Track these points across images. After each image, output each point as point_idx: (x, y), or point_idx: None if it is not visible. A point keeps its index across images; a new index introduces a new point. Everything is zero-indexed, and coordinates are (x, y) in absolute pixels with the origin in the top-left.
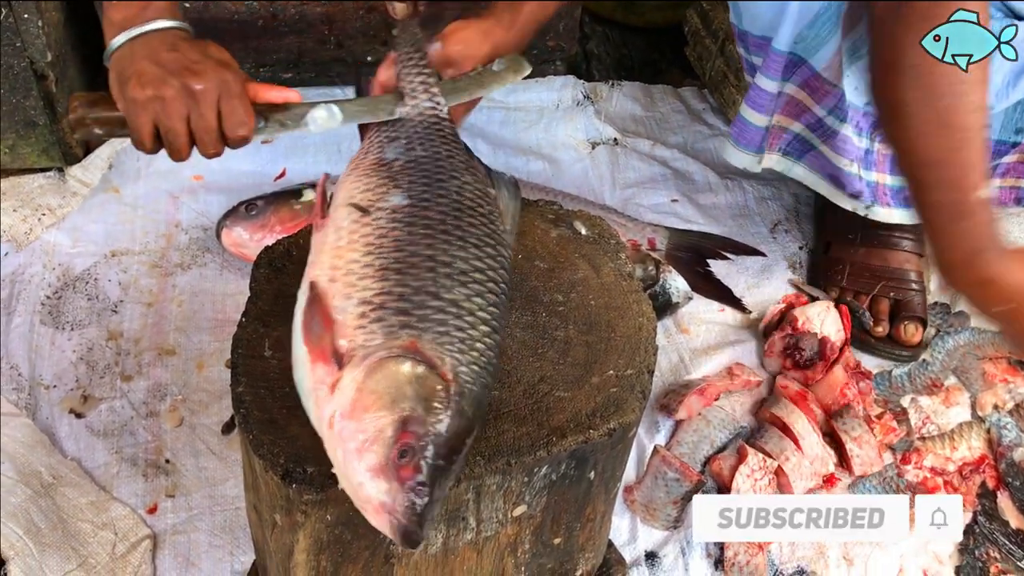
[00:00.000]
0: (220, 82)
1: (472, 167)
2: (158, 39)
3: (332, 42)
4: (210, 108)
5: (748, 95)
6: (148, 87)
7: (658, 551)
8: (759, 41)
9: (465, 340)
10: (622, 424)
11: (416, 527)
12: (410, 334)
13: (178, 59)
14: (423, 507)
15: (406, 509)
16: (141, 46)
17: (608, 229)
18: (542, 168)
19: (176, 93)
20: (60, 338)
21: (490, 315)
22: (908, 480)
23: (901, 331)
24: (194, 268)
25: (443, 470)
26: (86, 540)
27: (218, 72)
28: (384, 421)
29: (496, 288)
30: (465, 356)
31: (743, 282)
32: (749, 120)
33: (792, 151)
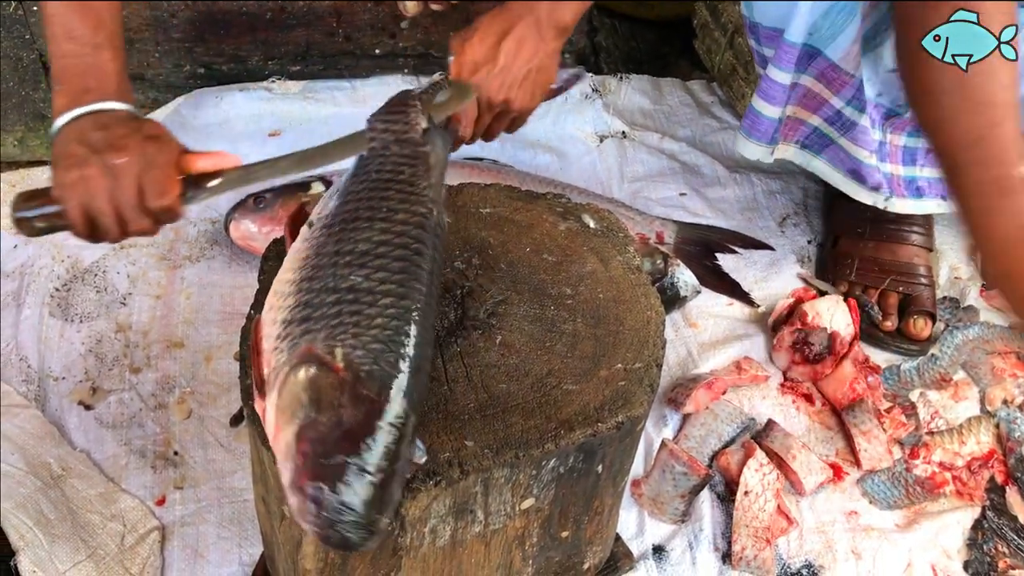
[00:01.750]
0: (141, 155)
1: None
2: (91, 121)
3: (340, 35)
4: (131, 182)
5: (760, 87)
6: (72, 169)
7: (665, 545)
8: (770, 33)
9: (360, 323)
10: (630, 417)
11: (327, 529)
12: (307, 339)
13: (103, 137)
14: (332, 507)
15: (311, 516)
16: (72, 129)
17: (617, 222)
18: (550, 161)
19: (98, 171)
20: (69, 330)
21: (394, 284)
22: (916, 475)
23: (910, 325)
24: (202, 261)
25: (350, 464)
26: (95, 531)
27: (141, 146)
28: (287, 437)
29: (404, 253)
30: (360, 338)
31: (751, 276)
32: (761, 112)
33: (811, 145)
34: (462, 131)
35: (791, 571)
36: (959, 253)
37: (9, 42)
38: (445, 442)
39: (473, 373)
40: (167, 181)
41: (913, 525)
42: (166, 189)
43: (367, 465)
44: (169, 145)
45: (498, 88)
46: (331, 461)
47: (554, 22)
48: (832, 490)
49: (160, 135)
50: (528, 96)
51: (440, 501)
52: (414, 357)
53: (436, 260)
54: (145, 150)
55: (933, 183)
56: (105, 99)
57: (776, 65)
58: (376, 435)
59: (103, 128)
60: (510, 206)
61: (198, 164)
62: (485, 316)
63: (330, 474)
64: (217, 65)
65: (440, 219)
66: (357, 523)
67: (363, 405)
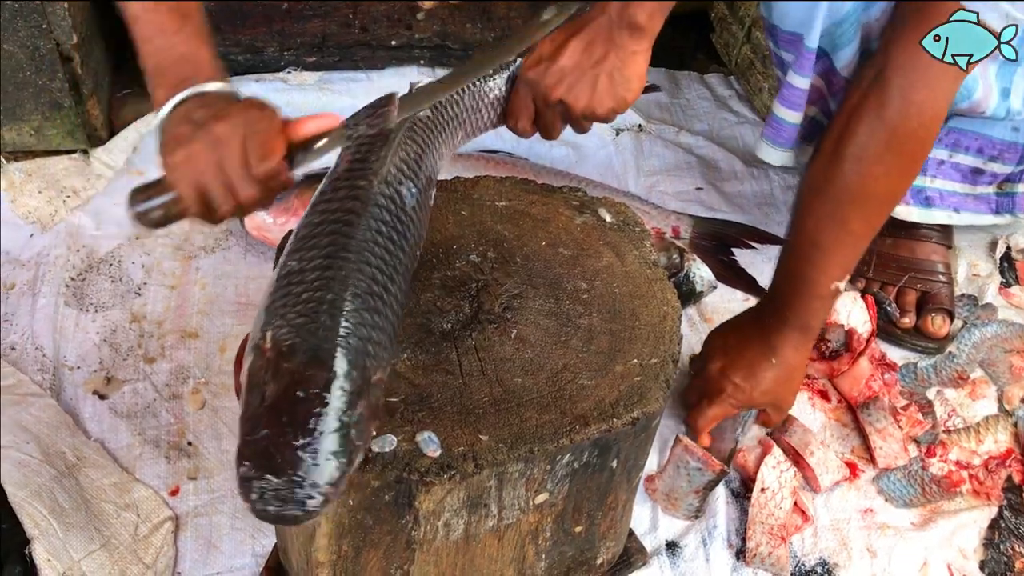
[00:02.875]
0: (244, 121)
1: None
2: (193, 102)
3: (356, 26)
4: (235, 148)
5: (781, 94)
6: (179, 148)
7: (679, 541)
8: (789, 37)
9: (288, 303)
10: (646, 413)
11: (258, 504)
12: (253, 337)
13: (206, 113)
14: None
15: (243, 493)
16: (176, 114)
17: (633, 216)
18: (566, 154)
19: (203, 144)
20: (84, 320)
21: (321, 259)
22: (933, 473)
23: (928, 323)
24: (217, 251)
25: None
26: (109, 521)
27: (243, 112)
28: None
29: (335, 227)
30: (286, 317)
31: (768, 271)
32: (784, 119)
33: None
34: (517, 124)
35: (805, 568)
36: (977, 250)
37: (26, 31)
38: (460, 436)
39: (488, 367)
40: (270, 144)
41: (929, 524)
42: (269, 151)
43: (288, 436)
44: (272, 111)
45: (554, 85)
46: (255, 437)
47: (625, 22)
48: (847, 488)
49: (261, 103)
50: (591, 98)
51: (454, 495)
52: (344, 323)
53: (374, 227)
54: (248, 116)
55: (945, 194)
56: (208, 81)
57: (797, 72)
58: (297, 406)
59: (207, 105)
60: (526, 199)
61: (303, 129)
62: (500, 310)
63: (255, 451)
64: (233, 56)
65: (390, 188)
66: (285, 495)
67: (284, 379)
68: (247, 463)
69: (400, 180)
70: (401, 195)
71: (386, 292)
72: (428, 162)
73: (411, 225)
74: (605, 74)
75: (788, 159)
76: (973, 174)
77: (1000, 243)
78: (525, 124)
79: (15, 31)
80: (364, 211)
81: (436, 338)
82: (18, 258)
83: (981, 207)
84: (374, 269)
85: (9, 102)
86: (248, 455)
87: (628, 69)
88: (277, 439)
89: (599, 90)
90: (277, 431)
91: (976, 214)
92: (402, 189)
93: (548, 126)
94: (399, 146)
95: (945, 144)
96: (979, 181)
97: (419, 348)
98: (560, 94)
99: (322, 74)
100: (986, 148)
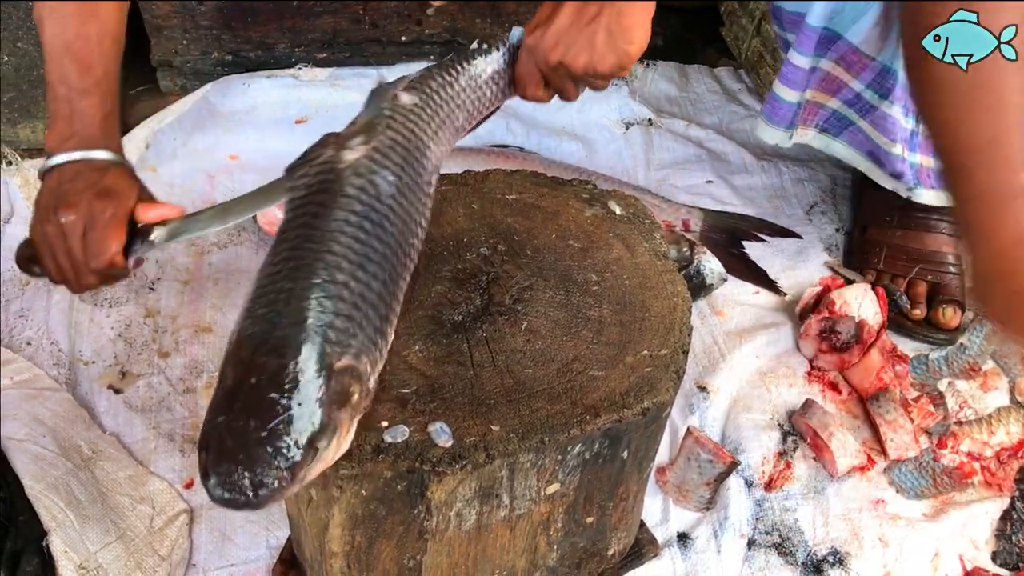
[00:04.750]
0: (88, 213)
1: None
2: (66, 170)
3: (366, 22)
4: (76, 241)
5: (781, 72)
6: (38, 223)
7: (690, 532)
8: (793, 17)
9: (258, 298)
10: (656, 404)
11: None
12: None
13: (62, 196)
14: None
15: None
16: (51, 177)
17: (643, 209)
18: (576, 149)
19: (54, 228)
20: (99, 315)
21: (289, 252)
22: (944, 465)
23: (939, 314)
24: (230, 247)
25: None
26: (124, 513)
27: (89, 203)
28: None
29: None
30: (250, 309)
31: (778, 264)
32: (782, 97)
33: (830, 127)
34: (526, 92)
35: (817, 558)
36: None
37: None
38: (471, 426)
39: (499, 358)
40: (105, 241)
41: (940, 515)
42: (102, 249)
43: (241, 423)
44: (119, 198)
45: (552, 48)
46: (213, 424)
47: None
48: (859, 478)
49: (115, 188)
50: (591, 56)
51: (466, 485)
52: (300, 311)
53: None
54: (92, 208)
55: None
56: (85, 146)
57: (797, 49)
58: (250, 393)
59: (71, 180)
60: (536, 192)
61: (147, 215)
62: (511, 302)
63: (211, 437)
64: (245, 52)
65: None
66: (236, 481)
67: (239, 367)
68: (203, 450)
69: (373, 170)
70: (375, 184)
71: (353, 280)
72: (415, 149)
73: (391, 213)
74: (603, 30)
75: (784, 139)
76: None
77: None
78: (534, 91)
79: (29, 29)
80: (332, 202)
81: (447, 330)
82: None
83: None
84: (339, 258)
85: (24, 100)
86: (205, 442)
87: (626, 20)
88: (231, 425)
89: (598, 47)
90: (231, 418)
91: None
92: (376, 178)
93: (559, 89)
94: (375, 136)
95: None
96: None
97: (430, 340)
98: (558, 56)
99: (333, 70)
100: None
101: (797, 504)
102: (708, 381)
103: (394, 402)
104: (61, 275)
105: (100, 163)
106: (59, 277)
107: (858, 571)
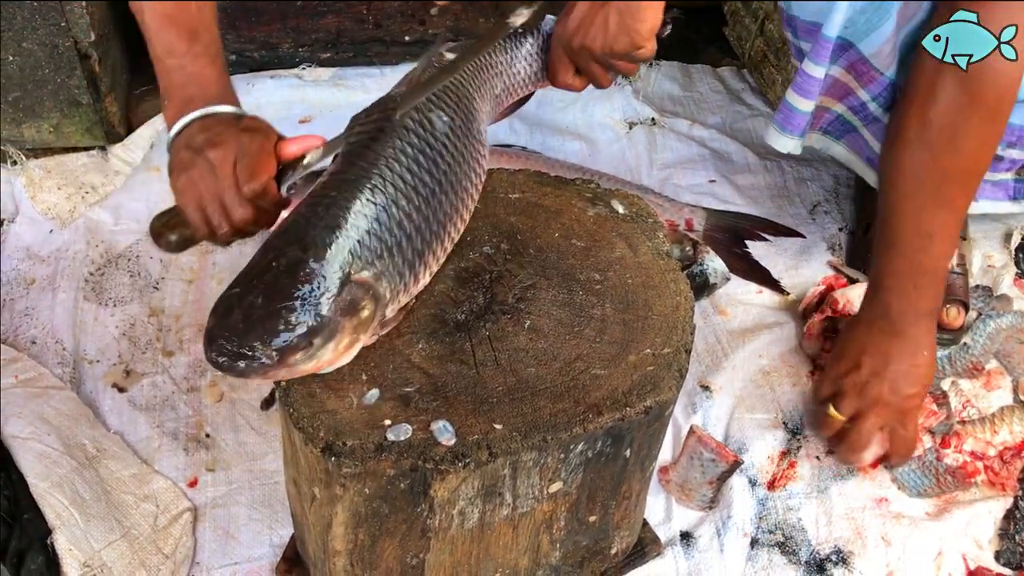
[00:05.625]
0: (236, 146)
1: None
2: (196, 126)
3: (370, 22)
4: (227, 171)
5: (795, 81)
6: (182, 173)
7: (693, 531)
8: (809, 27)
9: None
10: (659, 402)
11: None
12: None
13: (206, 138)
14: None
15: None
16: (181, 138)
17: (646, 208)
18: (579, 148)
19: (200, 169)
20: (103, 314)
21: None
22: (947, 464)
23: (943, 314)
24: (234, 246)
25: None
26: (129, 512)
27: (236, 138)
28: None
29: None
30: (298, 207)
31: (781, 263)
32: (796, 107)
33: (833, 131)
34: (557, 78)
35: (820, 557)
36: (992, 242)
37: (45, 30)
38: (474, 425)
39: (502, 357)
40: (258, 165)
41: (944, 514)
42: (256, 172)
43: (249, 296)
44: (264, 133)
45: (573, 33)
46: (226, 294)
47: None
48: (862, 477)
49: (256, 127)
50: (605, 37)
51: (469, 483)
52: (339, 217)
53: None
54: (240, 140)
55: None
56: (207, 104)
57: (813, 60)
58: (265, 273)
59: (206, 130)
60: (539, 191)
61: (289, 149)
62: (514, 301)
63: (220, 304)
64: (249, 52)
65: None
66: (228, 347)
67: (268, 252)
68: (212, 313)
69: (430, 108)
70: (431, 120)
71: (395, 205)
72: (464, 96)
73: (444, 151)
74: (614, 12)
75: (796, 147)
76: (992, 161)
77: (1015, 234)
78: (565, 77)
79: (34, 29)
80: (391, 130)
81: (450, 328)
82: (38, 254)
83: (999, 194)
84: (387, 182)
85: (28, 100)
86: (216, 306)
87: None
88: (241, 298)
89: (611, 28)
90: (244, 291)
91: (994, 201)
92: (432, 116)
93: (589, 73)
94: (428, 82)
95: None
96: (998, 167)
97: (433, 338)
98: (580, 40)
99: (336, 70)
100: (1005, 134)
101: (800, 503)
102: (711, 380)
103: (397, 400)
104: (207, 221)
105: (227, 115)
106: (205, 224)
107: (861, 570)
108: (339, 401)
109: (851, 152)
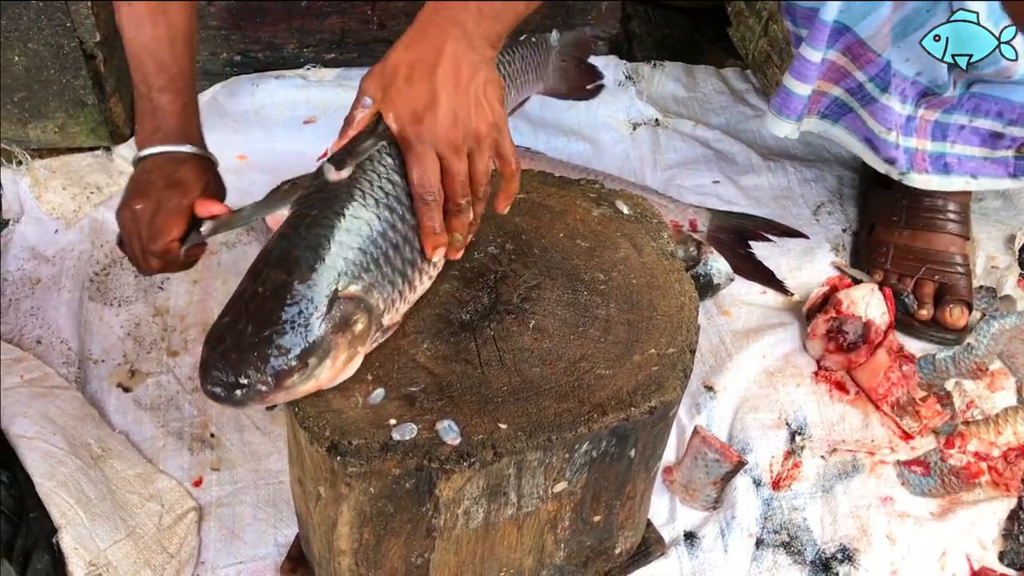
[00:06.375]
0: (155, 201)
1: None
2: (148, 163)
3: (375, 22)
4: (143, 225)
5: (792, 66)
6: (123, 207)
7: (697, 531)
8: (807, 12)
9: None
10: (663, 402)
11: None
12: None
13: (143, 182)
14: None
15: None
16: (139, 168)
17: (650, 208)
18: (583, 149)
19: (129, 214)
20: (108, 314)
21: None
22: (952, 465)
23: (946, 314)
24: (238, 246)
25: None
26: (134, 511)
27: (159, 193)
28: None
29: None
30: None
31: (785, 264)
32: (793, 90)
33: (831, 114)
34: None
35: (826, 556)
36: (996, 242)
37: (50, 30)
38: (479, 424)
39: (506, 357)
40: (164, 227)
41: (948, 514)
42: (160, 233)
43: (240, 324)
44: (185, 191)
45: (451, 126)
46: (217, 324)
47: (484, 34)
48: (867, 475)
49: (183, 181)
50: (488, 117)
51: (473, 483)
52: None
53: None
54: (160, 197)
55: (963, 159)
56: (165, 141)
57: (810, 44)
58: (253, 300)
59: (149, 172)
60: (543, 192)
61: (201, 211)
62: (518, 301)
63: (212, 334)
64: (253, 53)
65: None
66: (223, 377)
67: (254, 277)
68: (206, 344)
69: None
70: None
71: (378, 217)
72: None
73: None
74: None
75: (794, 131)
76: (992, 138)
77: (1019, 235)
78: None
79: (39, 30)
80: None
81: (455, 328)
82: (43, 254)
83: (999, 171)
84: (367, 195)
85: (34, 100)
86: (208, 337)
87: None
88: (232, 327)
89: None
90: (234, 320)
91: (994, 179)
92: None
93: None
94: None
95: (966, 109)
96: (998, 145)
97: (438, 338)
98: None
99: (341, 70)
100: (1006, 112)
101: (805, 503)
102: (715, 381)
103: (402, 400)
104: (132, 256)
105: (180, 156)
106: (131, 258)
107: (867, 567)
108: (344, 400)
109: (849, 133)
